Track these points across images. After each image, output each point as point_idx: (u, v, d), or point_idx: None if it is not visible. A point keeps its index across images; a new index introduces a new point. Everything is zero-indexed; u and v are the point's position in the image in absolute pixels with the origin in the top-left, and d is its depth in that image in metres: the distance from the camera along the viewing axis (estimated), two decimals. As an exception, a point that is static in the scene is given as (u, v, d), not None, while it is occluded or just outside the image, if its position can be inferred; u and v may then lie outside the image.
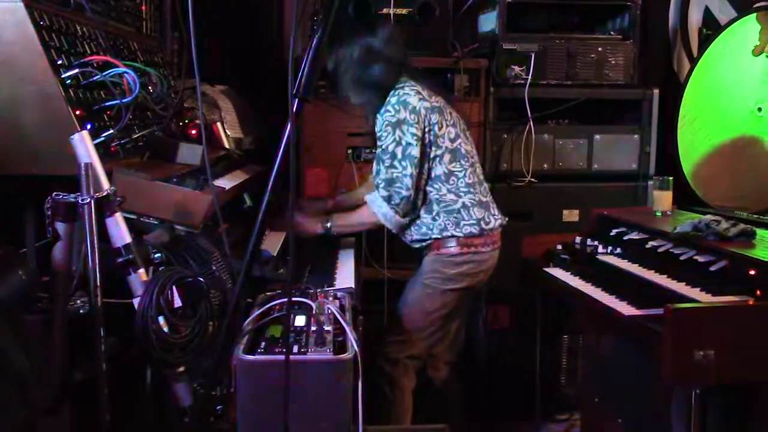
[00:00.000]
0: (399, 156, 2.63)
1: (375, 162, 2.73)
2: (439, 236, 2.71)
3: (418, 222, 2.75)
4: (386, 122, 2.65)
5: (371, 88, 2.73)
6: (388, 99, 2.69)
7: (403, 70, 2.78)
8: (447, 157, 2.70)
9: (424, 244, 2.78)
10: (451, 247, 2.71)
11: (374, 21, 2.94)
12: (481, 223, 2.71)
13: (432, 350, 2.88)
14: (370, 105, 2.77)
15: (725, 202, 3.59)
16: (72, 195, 1.58)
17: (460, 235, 2.69)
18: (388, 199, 2.67)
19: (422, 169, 2.68)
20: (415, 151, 2.63)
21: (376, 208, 2.70)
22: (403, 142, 2.63)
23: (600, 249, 2.79)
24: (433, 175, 2.71)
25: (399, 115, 2.63)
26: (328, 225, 2.80)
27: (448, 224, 2.70)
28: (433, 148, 2.69)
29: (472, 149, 2.81)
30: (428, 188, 2.72)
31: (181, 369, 1.74)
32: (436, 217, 2.71)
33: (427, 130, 2.66)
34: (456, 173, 2.71)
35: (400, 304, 2.84)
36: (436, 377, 2.97)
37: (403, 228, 2.78)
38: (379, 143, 2.69)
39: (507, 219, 2.86)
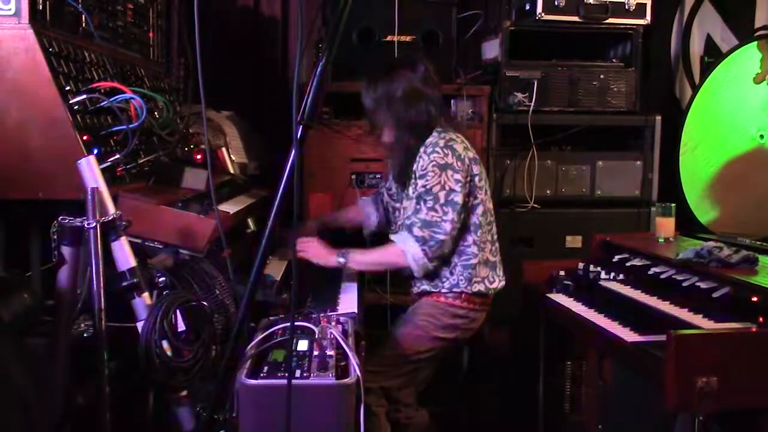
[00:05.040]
0: (442, 200, 2.57)
1: (414, 201, 2.63)
2: (448, 292, 2.68)
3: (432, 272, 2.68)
4: (434, 162, 2.58)
5: (412, 127, 2.67)
6: (432, 140, 2.63)
7: (441, 110, 2.75)
8: (480, 209, 2.68)
9: (426, 292, 2.73)
10: (450, 298, 2.69)
11: (409, 58, 2.81)
12: (486, 281, 2.71)
13: (400, 391, 2.77)
14: (402, 144, 2.69)
15: (728, 228, 3.59)
16: (78, 219, 1.60)
17: (468, 292, 2.67)
18: (422, 241, 2.57)
19: (461, 217, 2.61)
20: (458, 198, 2.58)
21: (407, 247, 2.59)
22: (447, 187, 2.57)
23: (603, 275, 2.79)
24: (465, 224, 2.66)
25: (447, 158, 2.58)
26: (342, 260, 2.68)
27: (461, 281, 2.66)
28: (471, 198, 2.66)
29: (491, 207, 2.78)
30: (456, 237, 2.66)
31: (184, 393, 1.75)
32: (453, 271, 2.67)
33: (469, 179, 2.63)
34: (482, 227, 2.69)
35: (389, 336, 2.77)
36: (399, 417, 2.84)
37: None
38: (420, 182, 2.61)
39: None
